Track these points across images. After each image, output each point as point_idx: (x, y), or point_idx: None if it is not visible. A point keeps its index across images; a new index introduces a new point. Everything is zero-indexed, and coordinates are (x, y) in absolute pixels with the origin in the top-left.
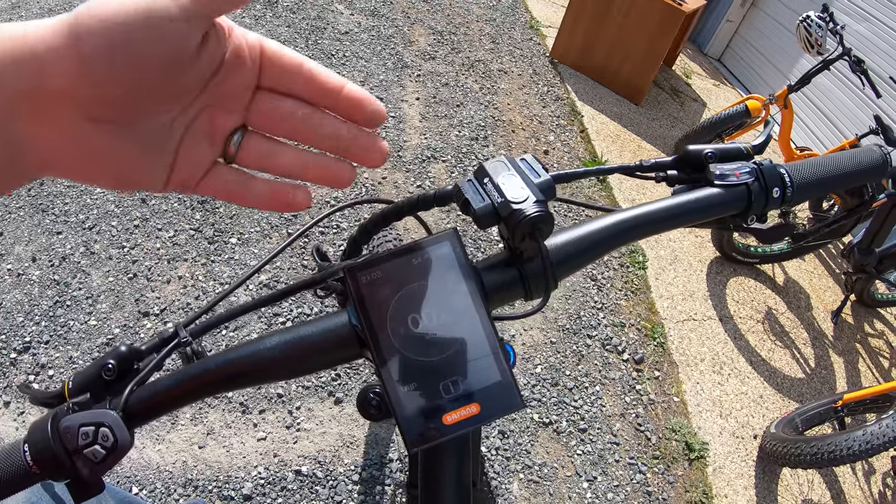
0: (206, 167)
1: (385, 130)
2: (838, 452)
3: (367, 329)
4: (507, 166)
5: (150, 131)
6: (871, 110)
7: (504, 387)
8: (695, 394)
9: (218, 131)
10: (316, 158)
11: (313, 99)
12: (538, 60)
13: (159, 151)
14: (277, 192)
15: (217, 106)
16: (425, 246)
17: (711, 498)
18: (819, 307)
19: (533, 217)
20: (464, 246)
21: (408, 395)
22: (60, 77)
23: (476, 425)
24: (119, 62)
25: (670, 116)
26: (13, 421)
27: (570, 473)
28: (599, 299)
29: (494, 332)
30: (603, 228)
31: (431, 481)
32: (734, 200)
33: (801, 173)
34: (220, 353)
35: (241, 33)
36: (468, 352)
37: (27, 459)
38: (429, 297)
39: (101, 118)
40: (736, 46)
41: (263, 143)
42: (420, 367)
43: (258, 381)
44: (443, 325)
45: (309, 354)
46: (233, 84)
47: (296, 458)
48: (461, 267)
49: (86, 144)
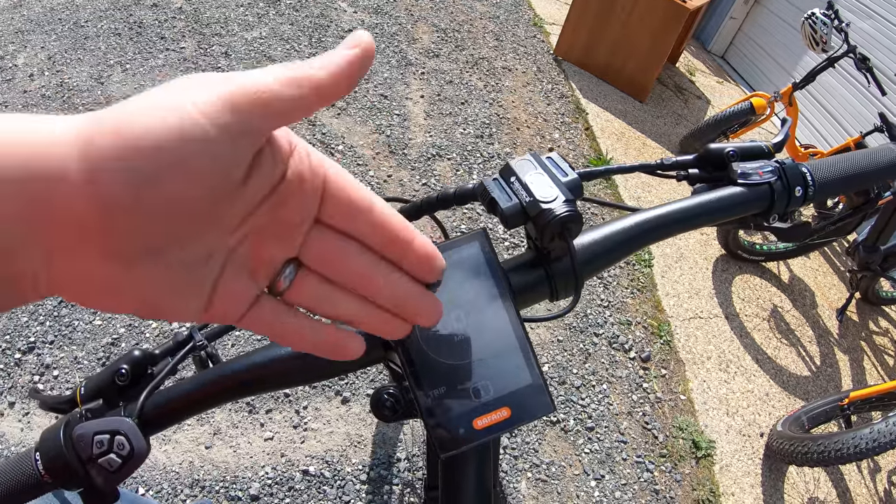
0: (249, 301)
1: (389, 128)
2: (845, 451)
3: None
4: (533, 165)
5: (182, 264)
6: (875, 108)
7: (535, 390)
8: (701, 392)
9: (264, 263)
10: (373, 312)
11: (377, 245)
12: (542, 58)
13: (194, 286)
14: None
15: (266, 234)
16: (454, 246)
17: (718, 496)
18: (824, 305)
19: (563, 217)
20: (493, 247)
21: (437, 399)
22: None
23: (507, 429)
24: (146, 201)
25: (674, 114)
26: (18, 422)
27: (577, 472)
28: (606, 297)
29: (525, 333)
30: (628, 229)
31: (453, 484)
32: (757, 199)
33: (822, 172)
34: (239, 357)
35: (304, 152)
36: (499, 354)
37: (39, 468)
38: (458, 298)
39: (122, 254)
40: (740, 44)
41: (319, 285)
42: (449, 370)
43: (278, 387)
44: (472, 326)
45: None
46: (287, 213)
47: (303, 458)
48: (491, 268)
49: (103, 279)
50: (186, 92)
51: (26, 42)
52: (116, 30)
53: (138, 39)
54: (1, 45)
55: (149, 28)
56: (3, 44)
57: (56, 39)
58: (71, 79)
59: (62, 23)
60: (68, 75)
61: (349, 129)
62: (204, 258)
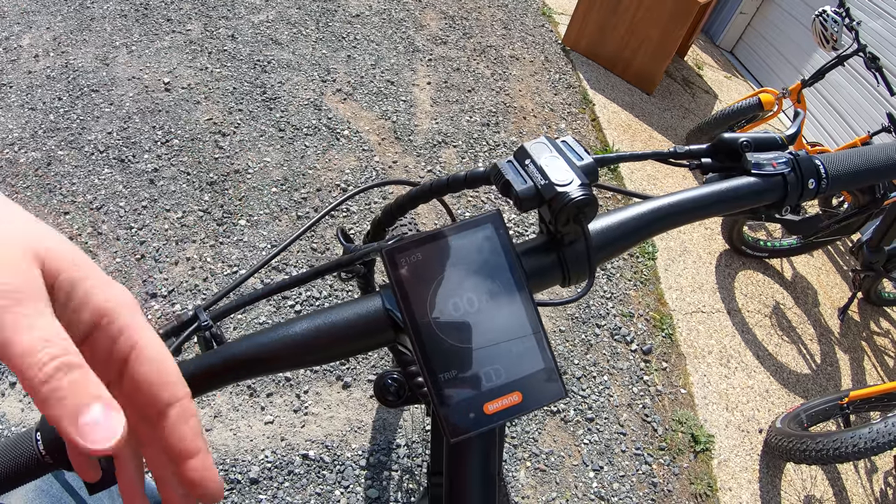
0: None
1: (395, 114)
2: (843, 449)
3: (406, 313)
4: (549, 148)
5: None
6: (883, 108)
7: (547, 374)
8: (702, 386)
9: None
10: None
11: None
12: (550, 47)
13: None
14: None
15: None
16: (467, 228)
17: (716, 491)
18: (826, 304)
19: (579, 200)
20: (507, 229)
21: (447, 383)
22: None
23: (518, 414)
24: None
25: (682, 107)
26: (19, 402)
27: (576, 462)
28: (609, 289)
29: (538, 317)
30: (641, 215)
31: (459, 470)
32: (771, 190)
33: (835, 165)
34: (245, 337)
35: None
36: (511, 338)
37: (39, 448)
38: (471, 280)
39: None
40: (749, 39)
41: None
42: (460, 353)
43: (285, 368)
44: (485, 309)
45: (339, 340)
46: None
47: (303, 443)
48: (504, 251)
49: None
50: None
51: (31, 23)
52: (122, 11)
53: (144, 21)
54: (6, 25)
55: (155, 10)
56: (8, 24)
57: (62, 20)
58: (76, 60)
59: (68, 3)
60: (73, 56)
61: (355, 115)
62: None
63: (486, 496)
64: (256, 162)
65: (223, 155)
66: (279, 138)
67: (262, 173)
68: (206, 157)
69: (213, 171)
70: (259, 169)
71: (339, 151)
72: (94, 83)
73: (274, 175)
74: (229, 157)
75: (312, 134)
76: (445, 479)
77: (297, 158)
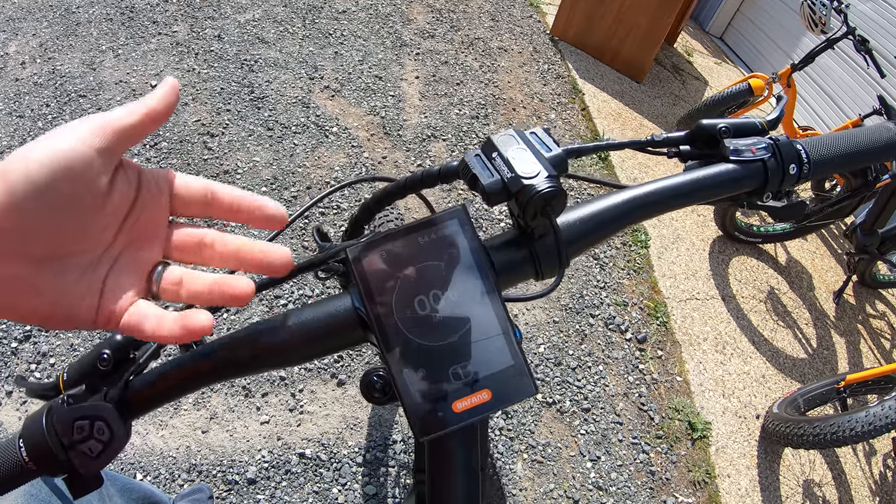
0: (131, 302)
1: (384, 110)
2: (841, 433)
3: (372, 312)
4: (516, 140)
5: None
6: (874, 91)
7: (517, 371)
8: (698, 373)
9: (142, 267)
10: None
11: (226, 217)
12: (538, 38)
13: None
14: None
15: (138, 242)
16: (432, 224)
17: (714, 478)
18: (821, 288)
19: (545, 193)
20: (473, 224)
21: (416, 381)
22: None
23: (487, 413)
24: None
25: (672, 95)
26: (16, 411)
27: (573, 453)
28: (602, 278)
29: (506, 313)
30: (615, 206)
31: (439, 468)
32: (750, 177)
33: (818, 150)
34: (218, 339)
35: (150, 174)
36: (478, 335)
37: (23, 455)
38: (436, 277)
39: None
40: (738, 24)
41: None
42: (428, 351)
43: (259, 370)
44: (451, 306)
45: (311, 340)
46: (149, 219)
47: (299, 441)
48: (471, 246)
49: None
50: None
51: (17, 30)
52: (108, 15)
53: (130, 24)
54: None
55: (141, 13)
56: None
57: (47, 26)
58: (63, 66)
59: (53, 9)
60: (60, 62)
61: (343, 111)
62: (93, 263)
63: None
64: (246, 162)
65: (212, 156)
66: (268, 137)
67: (251, 173)
68: (196, 159)
69: (203, 172)
70: (248, 169)
71: (329, 149)
72: (81, 88)
73: (263, 174)
74: (218, 157)
75: (301, 132)
76: (427, 475)
77: (286, 157)
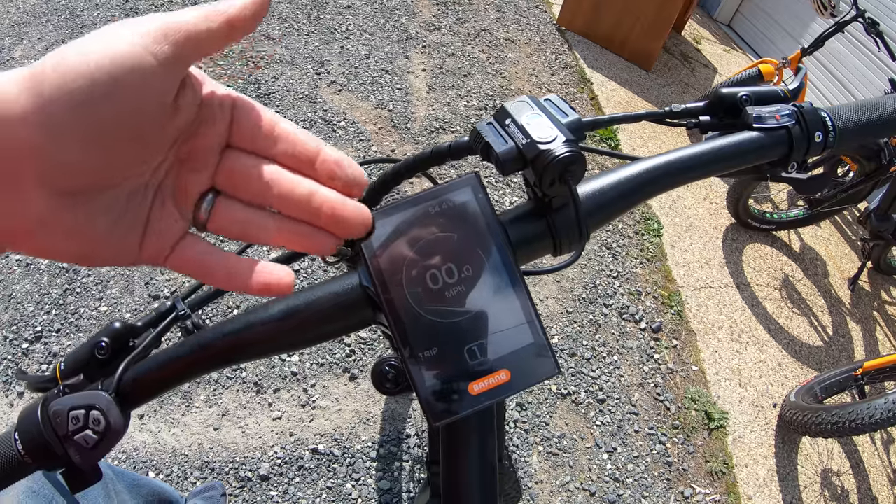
0: (177, 236)
1: (392, 103)
2: (860, 421)
3: (380, 288)
4: (530, 106)
5: (121, 200)
6: (885, 74)
7: (538, 349)
8: (713, 362)
9: (188, 195)
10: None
11: (288, 163)
12: (545, 28)
13: (129, 220)
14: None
15: (185, 166)
16: (443, 193)
17: (732, 468)
18: (836, 274)
19: (564, 157)
20: (486, 191)
21: (428, 362)
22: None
23: (507, 395)
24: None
25: (681, 82)
26: (10, 406)
27: (589, 445)
28: (615, 268)
29: (525, 287)
30: (636, 175)
31: (454, 458)
32: (774, 144)
33: (843, 117)
34: (218, 324)
35: (212, 85)
36: (497, 312)
37: (18, 449)
38: (449, 250)
39: (68, 189)
40: (746, 11)
41: (238, 209)
42: (441, 329)
43: (261, 354)
44: (466, 281)
45: (317, 322)
46: (203, 141)
47: (312, 437)
48: (485, 215)
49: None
50: (125, 25)
51: (23, 34)
52: (113, 17)
53: None
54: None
55: (145, 13)
56: (0, 37)
57: (53, 30)
58: None
59: (58, 13)
60: None
61: (351, 105)
62: (137, 190)
63: (484, 482)
64: None
65: None
66: None
67: None
68: None
69: None
70: None
71: (337, 143)
72: None
73: None
74: None
75: (308, 127)
76: (442, 467)
77: None
